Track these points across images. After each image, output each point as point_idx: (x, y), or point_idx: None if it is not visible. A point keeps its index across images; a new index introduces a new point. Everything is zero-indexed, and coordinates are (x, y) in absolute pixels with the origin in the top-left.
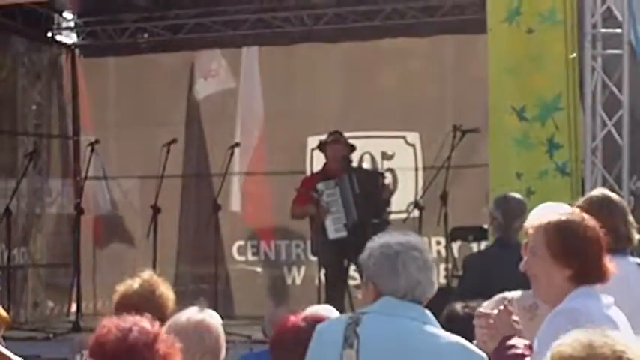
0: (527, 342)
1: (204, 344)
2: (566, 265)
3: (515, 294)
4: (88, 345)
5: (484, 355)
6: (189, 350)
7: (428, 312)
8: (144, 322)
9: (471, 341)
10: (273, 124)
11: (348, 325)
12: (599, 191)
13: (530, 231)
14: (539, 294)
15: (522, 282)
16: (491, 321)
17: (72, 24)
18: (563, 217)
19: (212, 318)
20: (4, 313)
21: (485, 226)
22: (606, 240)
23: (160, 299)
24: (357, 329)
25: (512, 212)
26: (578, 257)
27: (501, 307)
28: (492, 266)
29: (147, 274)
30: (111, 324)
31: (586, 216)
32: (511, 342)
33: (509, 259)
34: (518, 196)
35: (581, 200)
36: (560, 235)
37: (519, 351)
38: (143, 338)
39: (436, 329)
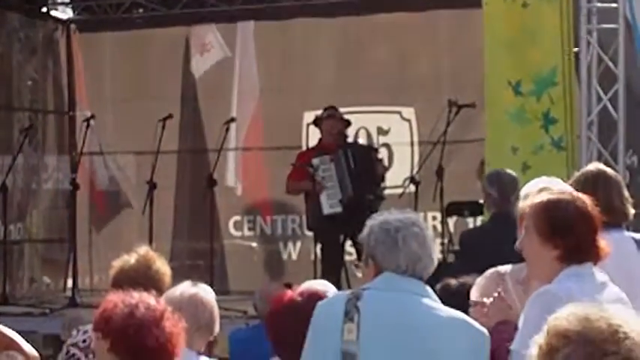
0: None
1: (197, 318)
2: (553, 245)
3: (509, 267)
4: (84, 320)
5: (485, 330)
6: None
7: (428, 287)
8: (150, 299)
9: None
10: (269, 99)
11: (348, 300)
12: (594, 166)
13: (527, 210)
14: (532, 273)
15: (519, 257)
16: (485, 309)
17: None
18: (551, 197)
19: (205, 292)
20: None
21: (481, 201)
22: (600, 218)
23: (157, 275)
24: (358, 304)
25: (507, 187)
26: (566, 237)
27: (495, 295)
28: (489, 242)
29: (143, 249)
30: (117, 299)
31: (577, 194)
32: (501, 327)
33: (506, 234)
34: (509, 171)
35: (575, 175)
36: (547, 215)
37: (506, 335)
38: (150, 315)
39: (437, 304)
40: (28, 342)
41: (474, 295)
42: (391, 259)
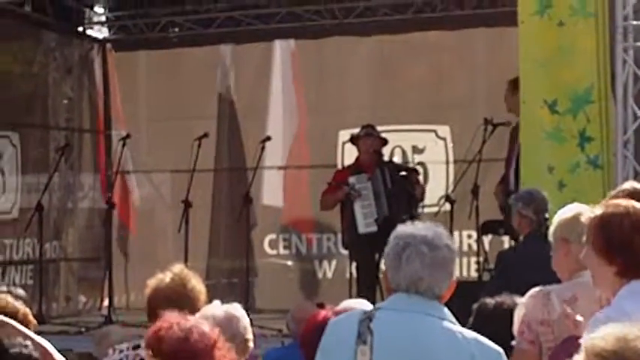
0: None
1: (234, 335)
2: (610, 262)
3: (554, 287)
4: (112, 336)
5: (500, 349)
6: None
7: (444, 307)
8: (205, 326)
9: (501, 336)
10: (305, 117)
11: (361, 322)
12: (630, 184)
13: (586, 224)
14: (595, 285)
15: (554, 277)
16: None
17: (103, 18)
18: (605, 212)
19: (236, 310)
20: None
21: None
22: None
23: (192, 293)
24: (371, 325)
25: (541, 207)
26: (622, 252)
27: (560, 312)
28: (525, 262)
29: (178, 267)
30: (173, 320)
31: (634, 207)
32: (567, 344)
33: (542, 254)
34: (539, 189)
35: (611, 194)
36: (602, 230)
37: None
38: (204, 342)
39: (451, 325)
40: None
41: (519, 315)
42: (394, 277)
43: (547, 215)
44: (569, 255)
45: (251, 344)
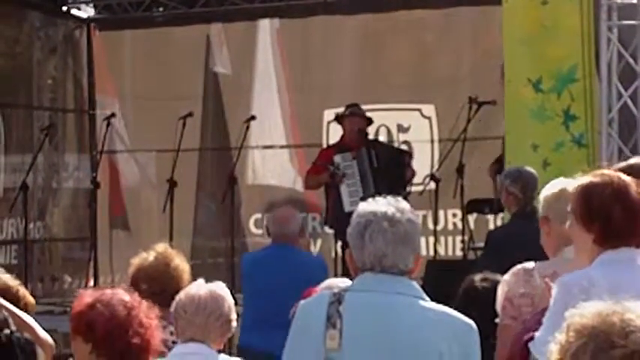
0: None
1: (220, 313)
2: (589, 229)
3: (535, 264)
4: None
5: (472, 322)
6: (203, 318)
7: (412, 283)
8: (124, 295)
9: (489, 313)
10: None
11: (330, 304)
12: (636, 159)
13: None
14: (577, 258)
15: (544, 254)
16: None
17: None
18: (589, 180)
19: (221, 289)
20: (30, 299)
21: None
22: None
23: (176, 272)
24: (340, 308)
25: (529, 185)
26: (601, 220)
27: (542, 284)
28: (514, 240)
29: (161, 246)
30: (92, 298)
31: (619, 176)
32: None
33: (531, 232)
34: (529, 168)
35: (620, 165)
36: (583, 198)
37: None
38: (130, 313)
39: (421, 302)
40: None
41: (501, 291)
42: (359, 256)
43: (535, 194)
44: (550, 233)
45: (234, 324)
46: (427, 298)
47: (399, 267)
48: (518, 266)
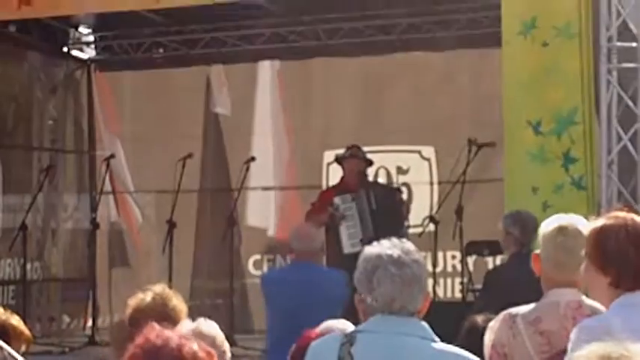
0: None
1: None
2: (605, 273)
3: (521, 309)
4: None
5: None
6: None
7: (422, 324)
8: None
9: None
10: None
11: (342, 346)
12: None
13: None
14: (593, 299)
15: (540, 295)
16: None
17: (88, 39)
18: (604, 223)
19: (208, 325)
20: (27, 331)
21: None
22: None
23: (173, 312)
24: (352, 350)
25: (528, 227)
26: (616, 263)
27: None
28: (513, 281)
29: (159, 287)
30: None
31: (632, 220)
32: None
33: (528, 272)
34: (528, 211)
35: None
36: (597, 241)
37: None
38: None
39: (433, 343)
40: None
41: (487, 338)
42: (368, 299)
43: (534, 235)
44: (541, 272)
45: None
46: (437, 339)
47: (408, 309)
48: (504, 312)
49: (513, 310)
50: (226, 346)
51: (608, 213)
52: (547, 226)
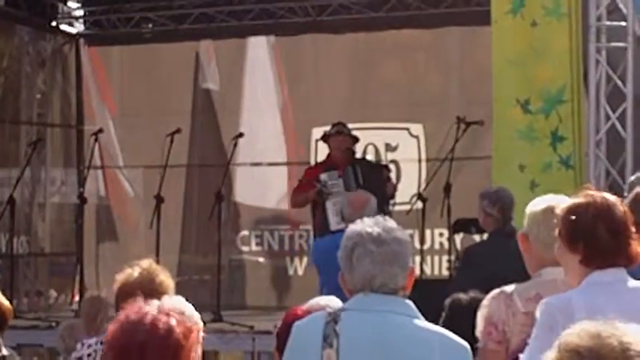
0: None
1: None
2: (575, 250)
3: (514, 287)
4: (81, 330)
5: (466, 344)
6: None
7: (405, 301)
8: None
9: (474, 330)
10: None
11: (327, 324)
12: None
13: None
14: (566, 277)
15: (523, 271)
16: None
17: (76, 13)
18: (572, 202)
19: (172, 301)
20: (6, 302)
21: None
22: (631, 220)
23: (161, 287)
24: (337, 327)
25: (507, 206)
26: (584, 241)
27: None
28: (493, 257)
29: (146, 262)
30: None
31: (602, 197)
32: None
33: (509, 248)
34: (506, 188)
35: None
36: (566, 219)
37: None
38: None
39: (416, 321)
40: (34, 356)
41: (482, 315)
42: (349, 278)
43: (513, 214)
44: (528, 251)
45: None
46: (421, 317)
47: (389, 286)
48: (497, 290)
49: (507, 288)
50: (196, 317)
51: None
52: (535, 206)
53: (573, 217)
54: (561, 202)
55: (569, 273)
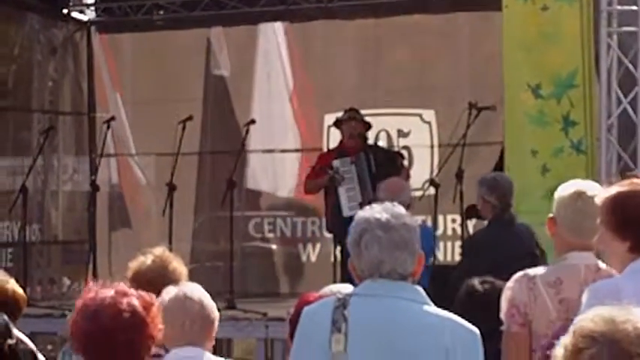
0: None
1: (186, 312)
2: (623, 238)
3: (538, 270)
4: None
5: (476, 329)
6: (174, 322)
7: (416, 288)
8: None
9: (492, 315)
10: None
11: (335, 309)
12: None
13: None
14: (609, 265)
15: (524, 257)
16: None
17: (88, 0)
18: (621, 190)
19: (192, 289)
20: (20, 290)
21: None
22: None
23: (173, 275)
24: (345, 312)
25: (506, 193)
26: (635, 229)
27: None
28: (495, 245)
29: (159, 249)
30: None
31: None
32: None
33: (509, 236)
34: (503, 174)
35: None
36: (616, 208)
37: None
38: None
39: (425, 306)
40: (48, 344)
41: (505, 298)
42: (358, 264)
43: (512, 200)
44: (556, 235)
45: (213, 319)
46: (431, 303)
47: (398, 272)
48: (520, 273)
49: (530, 271)
50: (211, 310)
51: (609, 179)
52: (564, 190)
53: (624, 205)
54: (589, 188)
55: (614, 260)
